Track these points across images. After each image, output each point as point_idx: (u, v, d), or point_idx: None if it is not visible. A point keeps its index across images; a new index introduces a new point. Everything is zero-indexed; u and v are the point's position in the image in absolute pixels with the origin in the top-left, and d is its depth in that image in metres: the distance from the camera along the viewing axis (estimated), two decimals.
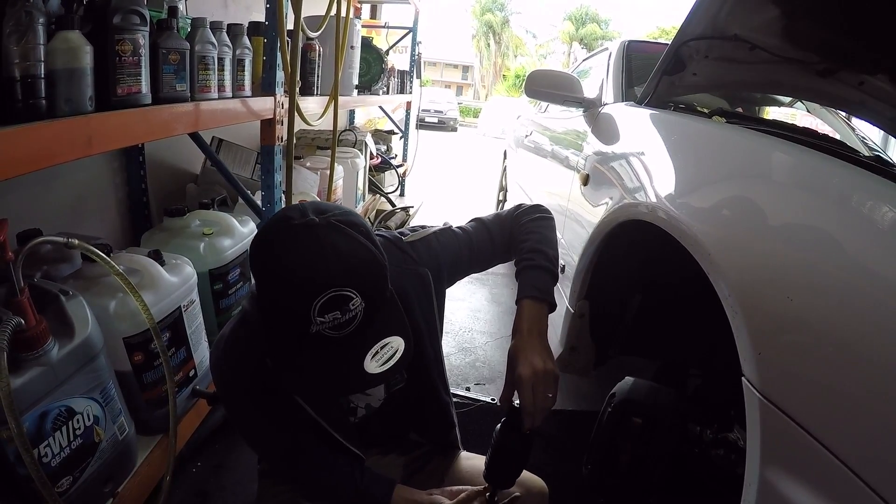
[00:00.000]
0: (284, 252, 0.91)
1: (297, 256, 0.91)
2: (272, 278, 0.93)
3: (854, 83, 2.02)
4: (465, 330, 3.30)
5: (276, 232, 0.93)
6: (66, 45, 1.14)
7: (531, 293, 1.17)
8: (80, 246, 1.27)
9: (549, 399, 1.08)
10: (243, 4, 3.32)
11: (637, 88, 2.32)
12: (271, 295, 0.93)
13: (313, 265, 0.90)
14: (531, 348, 1.11)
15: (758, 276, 1.00)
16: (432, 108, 20.84)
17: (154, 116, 1.45)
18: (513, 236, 1.30)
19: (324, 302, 0.89)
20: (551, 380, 1.08)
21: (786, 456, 0.87)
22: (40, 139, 1.08)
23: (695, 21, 1.77)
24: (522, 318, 1.16)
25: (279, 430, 1.13)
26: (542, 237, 1.27)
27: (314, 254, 0.90)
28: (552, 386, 1.08)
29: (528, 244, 1.25)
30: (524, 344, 1.12)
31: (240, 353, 1.07)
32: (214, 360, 1.10)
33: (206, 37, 1.67)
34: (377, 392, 1.28)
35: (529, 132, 3.94)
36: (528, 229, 1.28)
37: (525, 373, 1.07)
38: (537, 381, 1.07)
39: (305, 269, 0.90)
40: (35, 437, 1.14)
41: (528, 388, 1.07)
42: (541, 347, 1.11)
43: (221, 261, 1.98)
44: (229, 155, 2.85)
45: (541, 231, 1.28)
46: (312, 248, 0.91)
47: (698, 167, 1.46)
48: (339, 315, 0.92)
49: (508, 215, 1.34)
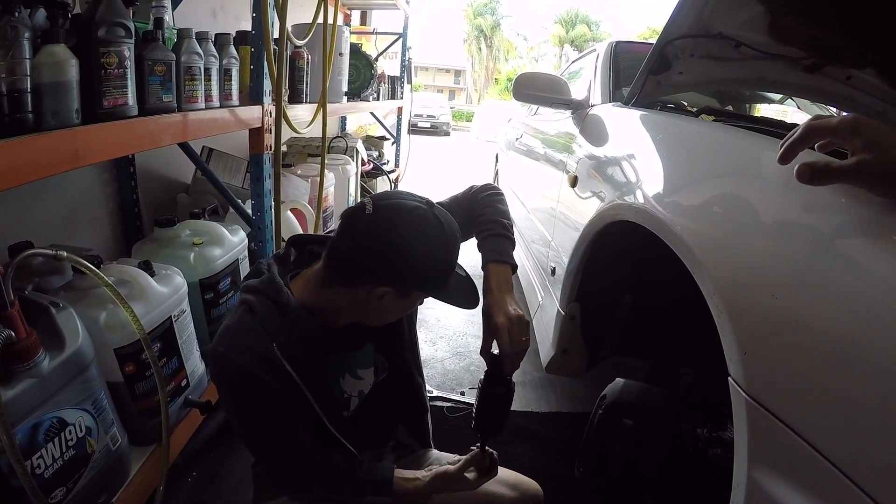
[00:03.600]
0: (427, 237, 1.11)
1: (437, 239, 1.12)
2: (421, 258, 1.11)
3: (841, 78, 2.02)
4: (459, 335, 3.30)
5: (409, 222, 1.10)
6: (52, 58, 1.14)
7: (494, 257, 1.27)
8: (69, 258, 1.28)
9: (524, 342, 1.17)
10: (232, 13, 3.32)
11: (625, 89, 2.32)
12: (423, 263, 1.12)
13: (447, 248, 1.14)
14: (502, 301, 1.20)
15: (743, 276, 1.00)
16: (425, 113, 20.83)
17: (141, 128, 1.45)
18: (471, 212, 1.38)
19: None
20: (524, 325, 1.17)
21: (773, 456, 0.87)
22: (28, 153, 1.08)
23: (679, 20, 1.78)
24: (490, 279, 1.25)
25: (278, 423, 1.15)
26: (497, 210, 1.36)
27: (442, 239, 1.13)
28: (526, 330, 1.18)
29: (486, 216, 1.34)
30: (495, 299, 1.21)
31: (249, 338, 1.10)
32: (219, 349, 1.10)
33: (192, 47, 1.67)
34: (368, 377, 1.34)
35: (520, 135, 3.96)
36: (483, 204, 1.38)
37: (501, 321, 1.16)
38: (512, 326, 1.16)
39: (444, 252, 1.14)
40: (27, 448, 1.14)
41: (504, 333, 1.16)
42: (511, 299, 1.21)
43: (212, 270, 1.98)
44: (220, 164, 2.85)
45: (494, 205, 1.37)
46: (439, 233, 1.12)
47: (684, 167, 1.46)
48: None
49: (464, 196, 1.42)
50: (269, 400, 1.12)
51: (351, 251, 1.10)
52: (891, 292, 0.76)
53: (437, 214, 1.12)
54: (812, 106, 2.76)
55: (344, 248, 1.11)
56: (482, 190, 1.42)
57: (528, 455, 2.19)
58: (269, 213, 2.35)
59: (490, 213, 1.34)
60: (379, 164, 5.57)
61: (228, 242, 2.09)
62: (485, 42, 43.61)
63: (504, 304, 1.19)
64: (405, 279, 1.12)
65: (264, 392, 1.10)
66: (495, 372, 1.21)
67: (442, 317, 3.43)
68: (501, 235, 1.31)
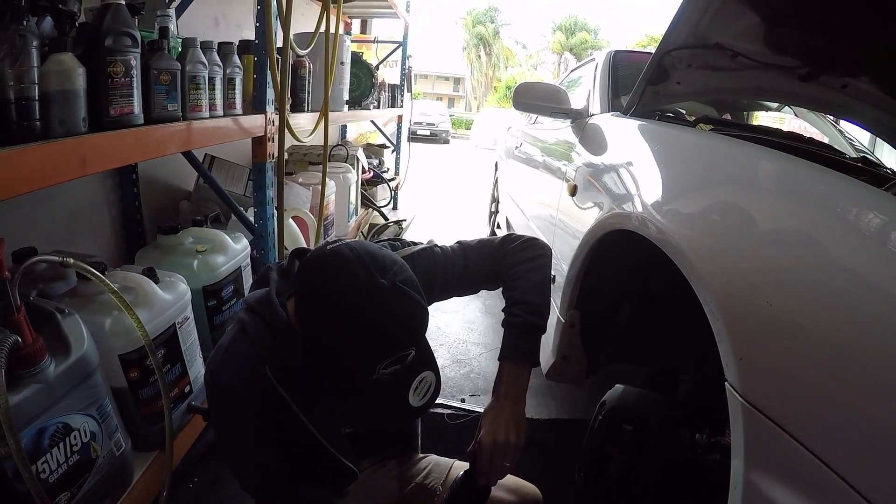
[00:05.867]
0: (355, 315, 0.98)
1: (370, 322, 0.98)
2: (343, 336, 1.00)
3: (837, 86, 2.04)
4: (459, 342, 3.31)
5: (345, 292, 0.99)
6: (60, 67, 1.16)
7: (512, 354, 1.21)
8: (75, 264, 1.29)
9: (504, 468, 1.14)
10: (234, 22, 3.35)
11: (624, 98, 2.34)
12: (337, 348, 1.01)
13: (385, 332, 0.99)
14: (500, 416, 1.16)
15: (738, 282, 1.02)
16: (424, 121, 20.84)
17: (146, 136, 1.47)
18: (500, 274, 1.31)
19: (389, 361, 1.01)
20: (510, 451, 1.13)
21: (769, 459, 0.88)
22: (35, 160, 1.09)
23: (677, 31, 1.80)
24: (501, 380, 1.20)
25: (255, 447, 1.12)
26: (531, 283, 1.26)
27: (386, 320, 0.98)
28: (510, 457, 1.14)
29: (515, 293, 1.26)
30: (496, 409, 1.17)
31: (238, 360, 1.08)
32: (211, 368, 1.10)
33: (197, 56, 1.69)
34: None
35: (520, 143, 3.97)
36: (516, 274, 1.28)
37: (485, 441, 1.13)
38: (496, 451, 1.12)
39: (377, 338, 0.99)
40: (33, 453, 1.15)
41: (485, 455, 1.13)
42: (510, 415, 1.16)
43: (215, 277, 1.99)
44: (221, 172, 2.87)
45: (529, 276, 1.27)
46: (384, 315, 0.98)
47: (681, 176, 1.48)
48: (399, 367, 1.03)
49: (496, 247, 1.34)
50: (250, 423, 1.09)
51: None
52: (883, 298, 0.78)
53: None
54: (809, 113, 2.78)
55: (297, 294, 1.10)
56: (521, 250, 1.30)
57: (527, 461, 2.18)
58: (272, 221, 2.37)
59: (521, 289, 1.25)
60: (379, 171, 5.59)
61: (231, 250, 2.10)
62: (484, 50, 43.71)
63: (502, 419, 1.14)
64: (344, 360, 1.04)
65: (247, 415, 1.08)
66: (472, 476, 1.18)
67: (442, 325, 3.44)
68: (526, 325, 1.21)
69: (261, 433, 1.11)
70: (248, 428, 1.10)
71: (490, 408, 1.18)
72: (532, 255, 1.30)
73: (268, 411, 1.08)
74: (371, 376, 1.01)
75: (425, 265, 1.29)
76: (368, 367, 1.00)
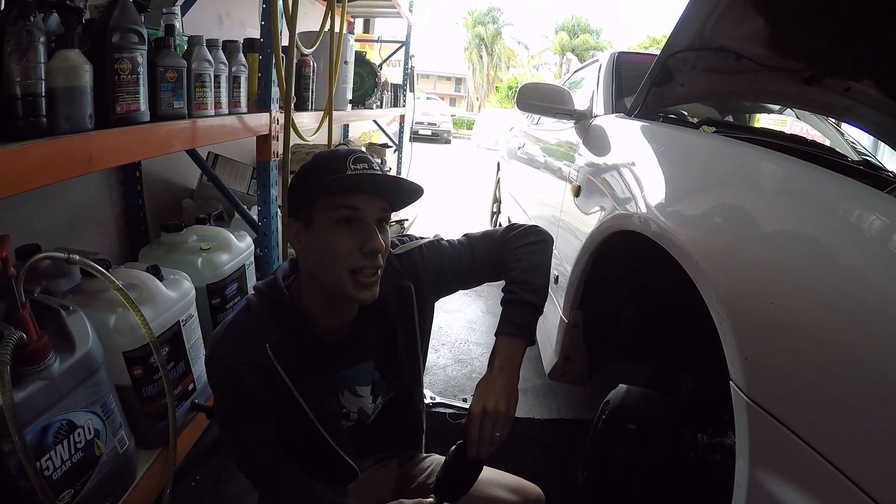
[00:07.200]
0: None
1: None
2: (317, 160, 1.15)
3: (840, 89, 2.05)
4: (460, 341, 3.31)
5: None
6: (67, 63, 1.16)
7: (507, 329, 1.20)
8: (80, 261, 1.29)
9: (495, 437, 1.12)
10: (237, 20, 3.35)
11: (627, 99, 2.34)
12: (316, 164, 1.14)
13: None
14: (492, 386, 1.14)
15: (743, 283, 1.02)
16: (426, 121, 20.81)
17: (152, 134, 1.47)
18: (502, 260, 1.32)
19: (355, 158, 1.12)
20: (501, 420, 1.12)
21: (774, 458, 0.88)
22: (42, 157, 1.09)
23: (681, 33, 1.80)
24: (495, 353, 1.19)
25: (252, 425, 1.13)
26: (530, 265, 1.28)
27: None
28: (500, 426, 1.12)
29: (514, 273, 1.27)
30: (488, 380, 1.16)
31: (240, 337, 1.10)
32: (212, 343, 1.11)
33: (203, 54, 1.69)
34: (366, 395, 1.30)
35: (522, 144, 3.97)
36: (516, 256, 1.29)
37: (475, 409, 1.12)
38: (485, 419, 1.11)
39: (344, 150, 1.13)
40: (37, 450, 1.15)
41: (475, 423, 1.11)
42: (502, 386, 1.15)
43: (219, 275, 2.00)
44: (225, 170, 2.87)
45: (529, 258, 1.29)
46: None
47: (685, 177, 1.48)
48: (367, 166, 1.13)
49: (500, 236, 1.35)
50: (247, 400, 1.10)
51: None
52: (884, 298, 0.79)
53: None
54: (811, 116, 2.78)
55: None
56: (522, 236, 1.33)
57: (529, 461, 2.19)
58: (276, 219, 2.37)
59: (521, 270, 1.26)
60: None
61: (235, 248, 2.11)
62: (486, 50, 43.72)
63: (493, 389, 1.14)
64: (294, 198, 1.14)
65: (244, 391, 1.08)
66: (464, 449, 1.16)
67: (444, 324, 3.44)
68: (523, 302, 1.22)
69: (257, 411, 1.12)
70: (245, 405, 1.11)
71: (483, 379, 1.17)
72: (532, 239, 1.32)
73: (265, 390, 1.09)
74: (345, 171, 1.10)
75: (433, 258, 1.31)
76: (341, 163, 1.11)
